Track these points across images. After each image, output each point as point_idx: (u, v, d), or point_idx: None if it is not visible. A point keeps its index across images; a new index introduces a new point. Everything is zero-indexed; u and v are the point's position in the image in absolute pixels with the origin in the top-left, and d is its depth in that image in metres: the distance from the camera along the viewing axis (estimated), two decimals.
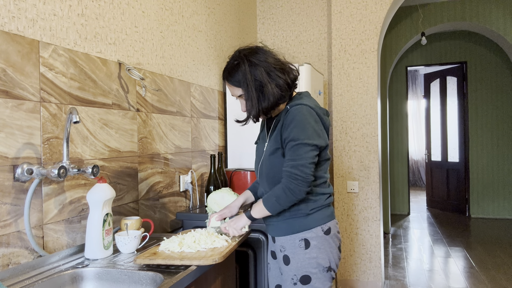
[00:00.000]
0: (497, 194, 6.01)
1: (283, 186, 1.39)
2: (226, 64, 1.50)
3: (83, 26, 1.51)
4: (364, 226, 3.22)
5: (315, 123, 1.42)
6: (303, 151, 1.37)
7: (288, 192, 1.37)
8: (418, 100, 9.71)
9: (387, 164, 5.28)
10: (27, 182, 1.25)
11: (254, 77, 1.42)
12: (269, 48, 1.51)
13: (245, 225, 1.50)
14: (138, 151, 1.84)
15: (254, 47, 1.50)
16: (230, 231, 1.50)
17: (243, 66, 1.43)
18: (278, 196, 1.40)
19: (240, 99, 1.50)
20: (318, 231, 1.45)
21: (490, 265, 3.87)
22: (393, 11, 3.45)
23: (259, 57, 1.44)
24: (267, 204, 1.43)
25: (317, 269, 1.43)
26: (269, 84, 1.42)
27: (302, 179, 1.36)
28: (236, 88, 1.48)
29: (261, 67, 1.43)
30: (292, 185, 1.37)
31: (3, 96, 1.18)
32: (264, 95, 1.43)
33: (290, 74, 1.49)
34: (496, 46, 5.97)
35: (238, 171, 2.36)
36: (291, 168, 1.37)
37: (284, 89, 1.45)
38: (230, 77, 1.47)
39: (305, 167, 1.36)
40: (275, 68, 1.44)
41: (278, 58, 1.49)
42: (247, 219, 1.49)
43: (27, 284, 1.13)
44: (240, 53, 1.48)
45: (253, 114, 1.47)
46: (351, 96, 3.25)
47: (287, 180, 1.38)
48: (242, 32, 3.22)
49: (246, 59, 1.44)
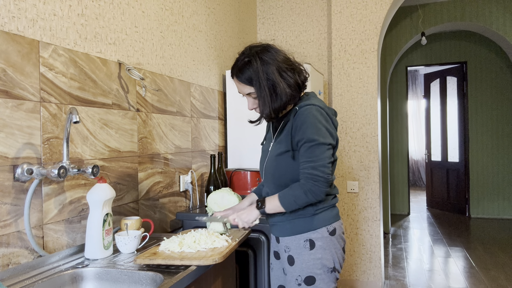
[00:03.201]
0: (497, 194, 6.01)
1: (305, 188, 1.36)
2: (236, 61, 1.46)
3: (83, 26, 1.51)
4: (364, 226, 3.22)
5: (326, 122, 1.40)
6: (320, 151, 1.36)
7: (309, 194, 1.35)
8: (418, 100, 9.71)
9: (387, 164, 5.28)
10: (27, 182, 1.25)
11: (266, 76, 1.39)
12: (280, 47, 1.48)
13: (256, 218, 1.46)
14: (138, 151, 1.83)
15: (265, 44, 1.46)
16: (239, 223, 1.46)
17: (255, 63, 1.40)
18: (297, 196, 1.37)
19: (248, 97, 1.47)
20: (323, 231, 1.44)
21: (490, 265, 3.87)
22: (393, 11, 3.45)
23: (271, 55, 1.41)
24: (284, 202, 1.40)
25: (321, 270, 1.42)
26: (281, 83, 1.40)
27: (324, 180, 1.35)
28: (246, 86, 1.44)
29: (273, 66, 1.40)
30: (314, 187, 1.35)
31: (3, 96, 1.18)
32: (277, 94, 1.40)
33: (300, 75, 1.47)
34: (496, 46, 5.97)
35: (238, 171, 2.36)
36: (311, 170, 1.35)
37: (295, 89, 1.43)
38: (241, 74, 1.43)
39: (325, 167, 1.35)
40: (286, 68, 1.42)
41: (288, 57, 1.47)
42: (258, 213, 1.45)
43: (27, 284, 1.13)
44: (251, 50, 1.44)
45: (266, 113, 1.44)
46: (351, 96, 3.25)
47: (307, 182, 1.35)
48: (242, 32, 3.22)
49: (258, 57, 1.41)
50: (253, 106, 1.48)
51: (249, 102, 1.48)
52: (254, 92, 1.43)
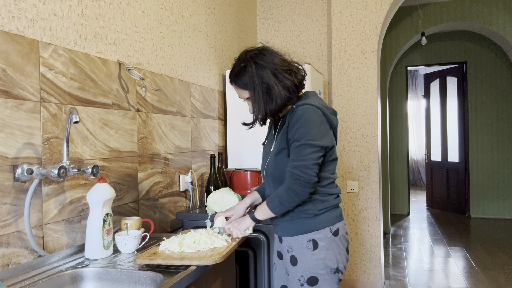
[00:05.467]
0: (497, 194, 6.01)
1: (286, 186, 1.38)
2: (233, 67, 1.48)
3: (83, 26, 1.51)
4: (364, 226, 3.22)
5: (321, 123, 1.40)
6: (307, 152, 1.36)
7: (290, 192, 1.37)
8: (418, 100, 9.71)
9: (387, 164, 5.28)
10: (27, 182, 1.25)
11: (261, 80, 1.40)
12: (276, 48, 1.49)
13: (249, 226, 1.48)
14: (138, 151, 1.83)
15: (260, 48, 1.47)
16: (233, 232, 1.49)
17: (250, 68, 1.41)
18: (280, 197, 1.39)
19: (248, 101, 1.49)
20: (326, 232, 1.44)
21: (490, 265, 3.87)
22: (393, 11, 3.45)
23: (266, 59, 1.42)
24: (270, 205, 1.42)
25: (324, 271, 1.42)
26: (276, 87, 1.40)
27: (304, 180, 1.35)
28: (244, 91, 1.46)
29: (268, 69, 1.41)
30: (294, 186, 1.36)
31: (3, 96, 1.18)
32: (271, 97, 1.41)
33: (297, 75, 1.47)
34: (496, 46, 5.97)
35: (238, 171, 2.36)
36: (293, 169, 1.36)
37: (292, 90, 1.44)
38: (238, 79, 1.45)
39: (308, 168, 1.35)
40: (282, 70, 1.42)
41: (284, 58, 1.47)
42: (251, 221, 1.48)
43: (27, 284, 1.13)
44: (246, 54, 1.46)
45: (260, 117, 1.45)
46: (351, 96, 3.25)
47: (289, 180, 1.37)
48: (242, 32, 3.22)
49: (253, 61, 1.42)
50: (252, 110, 1.48)
51: (249, 106, 1.49)
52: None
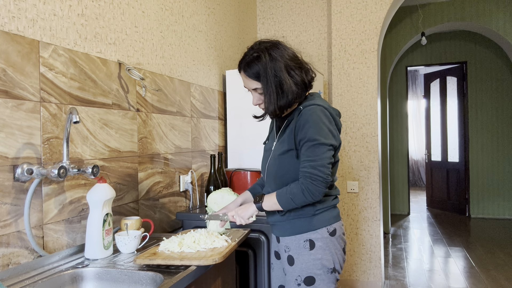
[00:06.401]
0: (497, 194, 6.01)
1: (302, 186, 1.35)
2: (244, 55, 1.45)
3: (83, 26, 1.51)
4: (364, 226, 3.22)
5: (330, 123, 1.40)
6: (321, 151, 1.35)
7: (306, 193, 1.35)
8: (418, 100, 9.71)
9: (387, 164, 5.28)
10: (27, 182, 1.25)
11: (274, 72, 1.39)
12: (289, 45, 1.48)
13: (252, 214, 1.46)
14: (138, 151, 1.84)
15: (275, 41, 1.46)
16: (237, 220, 1.47)
17: (263, 59, 1.39)
18: (294, 194, 1.37)
19: (253, 92, 1.46)
20: (323, 232, 1.44)
21: (490, 265, 3.87)
22: (393, 11, 3.45)
23: (280, 52, 1.41)
24: (281, 200, 1.39)
25: (321, 271, 1.42)
26: (288, 81, 1.39)
27: (322, 180, 1.34)
28: (253, 81, 1.43)
29: (281, 63, 1.39)
30: (311, 186, 1.34)
31: (3, 96, 1.18)
32: (283, 92, 1.40)
33: (307, 74, 1.46)
34: (496, 46, 5.97)
35: (238, 171, 2.36)
36: (310, 169, 1.34)
37: (301, 87, 1.43)
38: (248, 68, 1.42)
39: (324, 167, 1.34)
40: (294, 66, 1.41)
41: (297, 55, 1.47)
42: (255, 209, 1.45)
43: (27, 284, 1.13)
44: (260, 45, 1.43)
45: (270, 110, 1.43)
46: (351, 96, 3.25)
47: (306, 181, 1.35)
48: (242, 32, 3.22)
49: (267, 52, 1.40)
50: (257, 101, 1.47)
51: (254, 97, 1.47)
52: (261, 88, 1.43)
